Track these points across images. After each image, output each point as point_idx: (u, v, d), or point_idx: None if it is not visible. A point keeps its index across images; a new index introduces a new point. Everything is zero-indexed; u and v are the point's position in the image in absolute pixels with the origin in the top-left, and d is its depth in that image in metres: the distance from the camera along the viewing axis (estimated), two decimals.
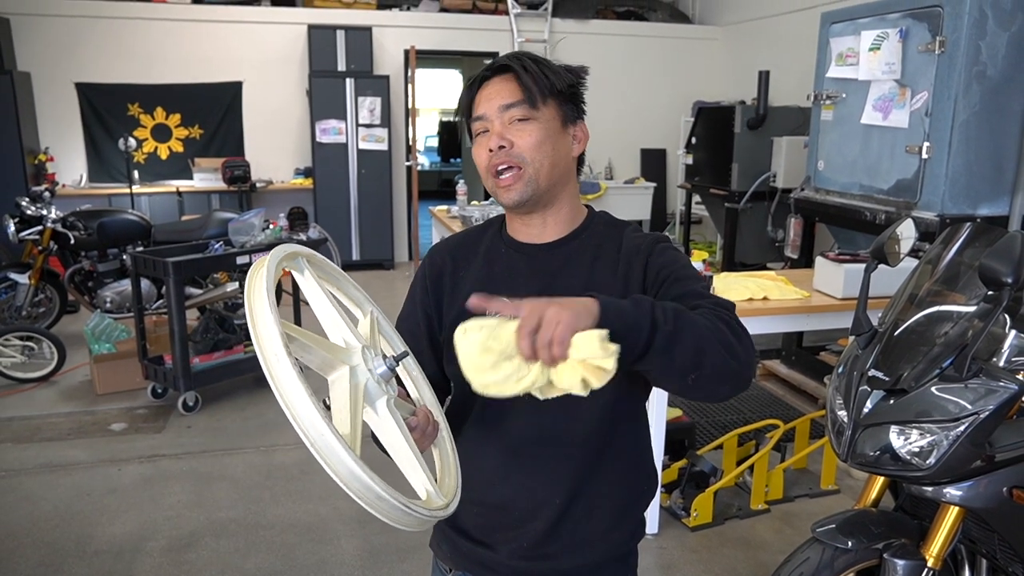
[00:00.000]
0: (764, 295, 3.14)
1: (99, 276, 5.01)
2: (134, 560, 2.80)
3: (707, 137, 6.22)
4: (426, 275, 1.31)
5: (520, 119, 1.17)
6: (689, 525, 3.01)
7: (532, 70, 1.18)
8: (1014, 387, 1.56)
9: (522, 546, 1.24)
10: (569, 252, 1.24)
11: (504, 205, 1.22)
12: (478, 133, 1.21)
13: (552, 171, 1.20)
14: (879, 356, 1.74)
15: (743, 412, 4.16)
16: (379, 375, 1.01)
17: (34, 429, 3.95)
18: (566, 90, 1.21)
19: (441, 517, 0.98)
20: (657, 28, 8.52)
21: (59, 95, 7.17)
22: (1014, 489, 1.68)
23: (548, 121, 1.19)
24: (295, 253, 1.03)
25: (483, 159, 1.20)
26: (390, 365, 1.02)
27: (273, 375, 0.84)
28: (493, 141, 1.17)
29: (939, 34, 3.46)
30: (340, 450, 0.84)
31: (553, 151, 1.19)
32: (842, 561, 1.73)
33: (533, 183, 1.18)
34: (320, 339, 0.97)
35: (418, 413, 1.09)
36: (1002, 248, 1.56)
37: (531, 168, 1.17)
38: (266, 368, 0.85)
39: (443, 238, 1.39)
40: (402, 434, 1.00)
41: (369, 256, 7.78)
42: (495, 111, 1.18)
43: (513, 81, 1.18)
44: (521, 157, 1.17)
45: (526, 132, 1.17)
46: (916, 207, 3.63)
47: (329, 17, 7.56)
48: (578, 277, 1.22)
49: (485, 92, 1.20)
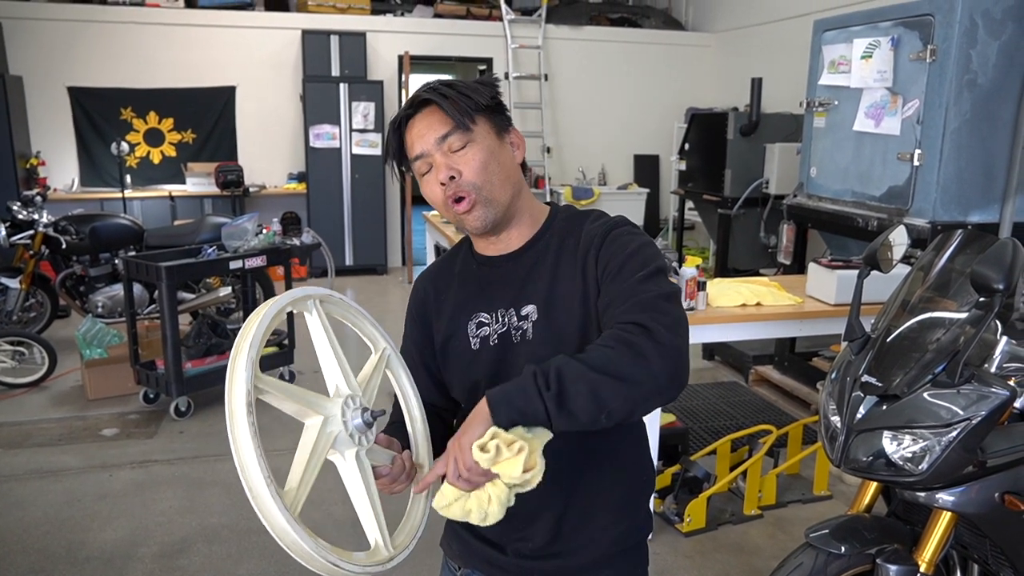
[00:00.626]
0: (757, 301, 3.15)
1: (91, 281, 4.98)
2: (126, 566, 2.78)
3: (700, 143, 6.24)
4: (412, 308, 1.36)
5: (458, 148, 1.16)
6: (682, 531, 3.01)
7: (451, 95, 1.16)
8: (1005, 393, 1.57)
9: (527, 547, 1.26)
10: (535, 256, 1.25)
11: (472, 232, 1.24)
12: (422, 173, 1.20)
13: (504, 185, 1.20)
14: (872, 362, 1.75)
15: (736, 418, 4.17)
16: (354, 427, 1.05)
17: (25, 435, 3.92)
18: (490, 103, 1.20)
19: (378, 571, 1.02)
20: (650, 35, 8.56)
21: (51, 99, 7.15)
22: (1006, 495, 1.69)
23: (484, 138, 1.18)
24: (305, 297, 1.09)
25: (437, 194, 1.19)
26: (367, 420, 1.07)
27: (232, 428, 0.90)
28: (442, 174, 1.16)
29: (930, 42, 3.48)
30: (275, 508, 0.90)
31: (499, 167, 1.19)
32: (835, 566, 1.73)
33: (492, 204, 1.19)
34: (297, 390, 1.02)
35: (395, 462, 1.13)
36: (993, 255, 1.57)
37: (484, 191, 1.18)
38: (228, 419, 0.91)
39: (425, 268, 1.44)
40: (364, 484, 1.05)
41: (362, 261, 7.78)
42: (432, 145, 1.17)
43: (438, 112, 1.17)
44: (472, 184, 1.17)
45: (468, 157, 1.17)
46: (908, 214, 3.65)
47: (323, 22, 7.57)
48: (544, 280, 1.23)
49: (415, 131, 1.18)
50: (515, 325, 1.22)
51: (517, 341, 1.22)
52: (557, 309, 1.20)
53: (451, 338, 1.28)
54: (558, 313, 1.20)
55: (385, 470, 1.12)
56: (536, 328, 1.21)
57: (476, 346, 1.25)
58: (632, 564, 1.33)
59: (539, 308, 1.21)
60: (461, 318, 1.27)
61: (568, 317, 1.19)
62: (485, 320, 1.25)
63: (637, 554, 1.34)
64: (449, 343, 1.28)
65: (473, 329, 1.25)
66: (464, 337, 1.26)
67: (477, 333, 1.25)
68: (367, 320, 1.20)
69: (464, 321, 1.26)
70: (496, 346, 1.23)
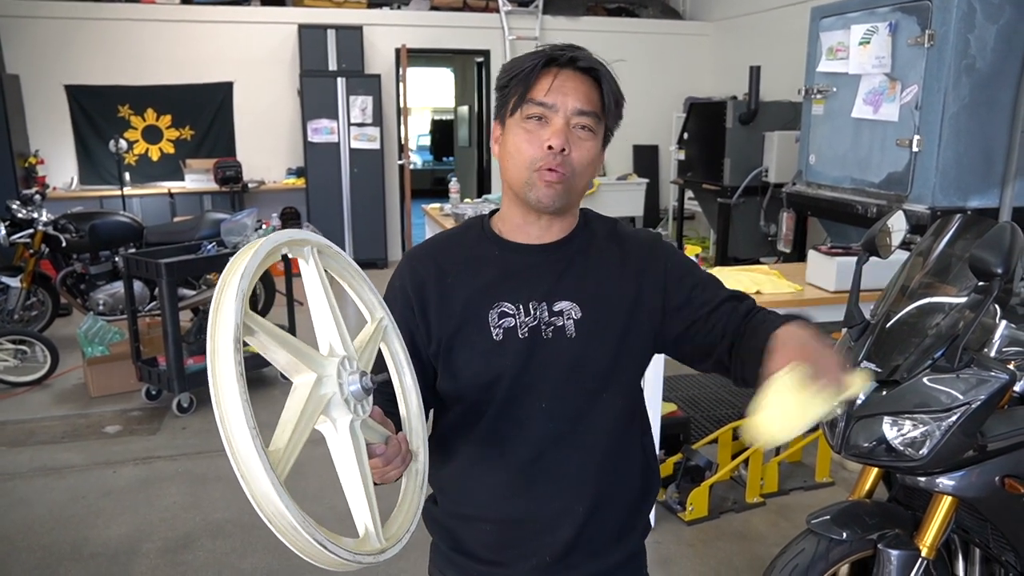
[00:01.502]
0: (757, 289, 3.15)
1: (91, 278, 4.99)
2: (130, 562, 2.80)
3: (699, 133, 6.23)
4: (407, 287, 1.21)
5: (584, 128, 1.13)
6: (685, 519, 3.02)
7: (614, 88, 1.14)
8: (1005, 377, 1.57)
9: (544, 560, 1.21)
10: (571, 252, 1.22)
11: (538, 202, 1.14)
12: (530, 117, 1.12)
13: (583, 191, 1.19)
14: (871, 348, 1.75)
15: (738, 406, 4.17)
16: (350, 392, 0.91)
17: (28, 433, 3.93)
18: (614, 124, 1.19)
19: (369, 563, 0.89)
20: (648, 24, 8.52)
21: (49, 98, 7.13)
22: (1006, 478, 1.69)
23: (599, 142, 1.17)
24: (303, 240, 0.96)
25: (534, 150, 1.12)
26: (365, 385, 0.92)
27: (214, 368, 0.77)
28: (557, 139, 1.10)
29: (928, 27, 3.47)
30: (258, 464, 0.75)
31: (592, 171, 1.17)
32: (837, 552, 1.74)
33: (570, 194, 1.15)
34: (292, 339, 0.88)
35: (390, 442, 1.00)
36: (992, 239, 1.57)
37: (575, 181, 1.14)
38: (209, 358, 0.77)
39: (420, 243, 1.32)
40: (357, 460, 0.92)
41: (362, 255, 7.76)
42: (568, 110, 1.11)
43: (595, 88, 1.13)
44: (572, 168, 1.13)
45: (586, 146, 1.13)
46: (907, 200, 3.65)
47: (319, 16, 7.54)
48: (585, 278, 1.20)
49: (561, 82, 1.11)
50: (546, 320, 1.17)
51: (549, 337, 1.16)
52: (604, 312, 1.18)
53: (464, 326, 1.18)
54: (604, 316, 1.18)
55: (379, 449, 0.97)
56: (580, 326, 1.17)
57: (499, 336, 1.16)
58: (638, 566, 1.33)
59: (582, 307, 1.18)
60: (480, 305, 1.18)
61: (612, 319, 1.18)
62: (509, 310, 1.17)
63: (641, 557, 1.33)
64: (461, 332, 1.18)
65: (495, 319, 1.17)
66: (484, 326, 1.17)
67: (500, 323, 1.16)
68: (366, 284, 1.06)
69: (483, 309, 1.17)
70: (525, 339, 1.16)
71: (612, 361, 1.18)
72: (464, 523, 1.26)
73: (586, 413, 1.19)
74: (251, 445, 0.75)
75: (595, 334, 1.17)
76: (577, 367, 1.17)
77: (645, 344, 1.22)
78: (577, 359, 1.17)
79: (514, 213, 1.21)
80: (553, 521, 1.20)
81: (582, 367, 1.17)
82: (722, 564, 2.77)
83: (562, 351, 1.16)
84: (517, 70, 1.13)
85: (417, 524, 1.03)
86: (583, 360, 1.17)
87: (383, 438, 0.99)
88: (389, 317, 1.09)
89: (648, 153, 8.56)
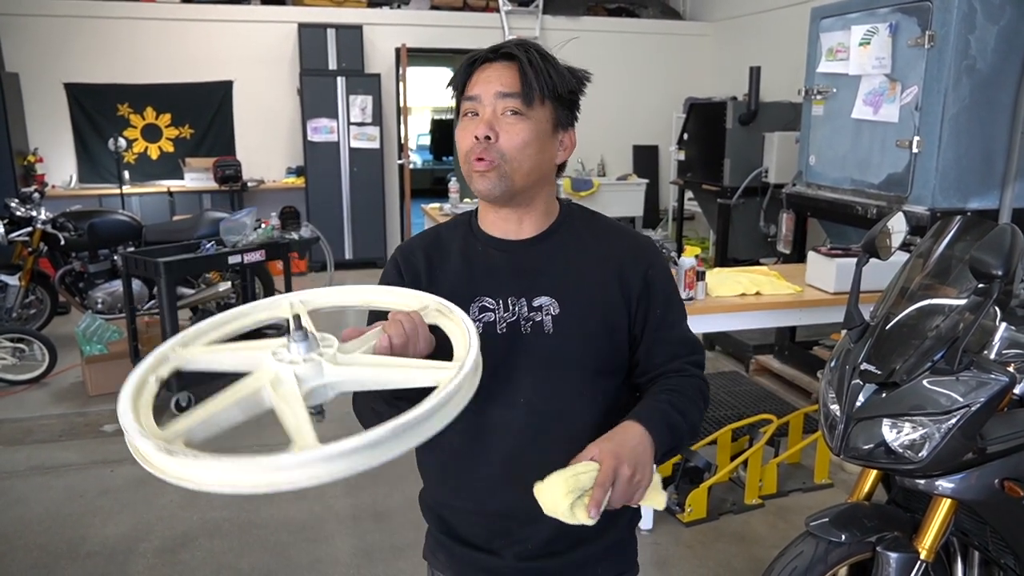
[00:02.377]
0: (757, 290, 3.15)
1: (90, 277, 4.97)
2: (127, 561, 2.79)
3: (699, 133, 6.22)
4: (402, 272, 1.25)
5: (512, 111, 1.14)
6: (683, 520, 3.01)
7: (537, 65, 1.14)
8: (1005, 379, 1.57)
9: (527, 548, 1.23)
10: (551, 248, 1.23)
11: (476, 191, 1.19)
12: (466, 113, 1.17)
13: (529, 175, 1.17)
14: (871, 350, 1.74)
15: (736, 407, 4.17)
16: (302, 353, 0.89)
17: (25, 431, 3.93)
18: (566, 95, 1.18)
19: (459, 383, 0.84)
20: (648, 24, 8.52)
21: (48, 96, 7.13)
22: (1005, 481, 1.68)
23: (540, 123, 1.16)
24: (160, 358, 0.95)
25: (466, 143, 1.16)
26: (299, 338, 0.89)
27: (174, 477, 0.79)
28: (480, 129, 1.13)
29: (928, 28, 3.46)
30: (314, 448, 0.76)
31: (537, 155, 1.16)
32: (835, 554, 1.73)
33: (507, 180, 1.16)
34: (219, 399, 0.87)
35: (389, 327, 0.99)
36: (992, 241, 1.56)
37: (508, 166, 1.15)
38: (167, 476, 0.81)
39: (409, 238, 1.35)
40: (373, 365, 0.92)
41: (362, 255, 7.77)
42: (490, 96, 1.14)
43: (515, 71, 1.14)
44: (502, 154, 1.14)
45: (515, 130, 1.14)
46: (907, 201, 3.64)
47: (319, 15, 7.54)
48: (564, 275, 1.21)
49: (483, 74, 1.16)
50: (525, 316, 1.19)
51: (528, 332, 1.18)
52: (582, 307, 1.19)
53: None
54: (582, 311, 1.19)
55: (385, 340, 0.97)
56: (557, 323, 1.18)
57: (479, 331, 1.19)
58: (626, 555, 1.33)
59: (560, 303, 1.19)
60: (462, 299, 1.17)
61: (592, 316, 1.19)
62: (490, 305, 1.20)
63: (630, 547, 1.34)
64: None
65: (475, 313, 1.20)
66: None
67: (480, 317, 1.19)
68: (249, 306, 1.06)
69: (465, 303, 1.19)
70: (504, 335, 1.19)
71: (590, 357, 1.20)
72: (451, 512, 1.28)
73: (566, 408, 1.20)
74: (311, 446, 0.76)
75: (573, 329, 1.19)
76: (555, 362, 1.19)
77: (624, 339, 1.23)
78: (555, 354, 1.18)
79: (485, 208, 1.25)
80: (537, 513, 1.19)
81: (560, 362, 1.19)
82: (721, 565, 2.77)
83: (540, 346, 1.18)
84: (457, 79, 1.20)
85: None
86: (561, 355, 1.19)
87: (376, 335, 0.98)
88: (294, 295, 1.08)
89: (648, 153, 8.56)
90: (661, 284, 1.25)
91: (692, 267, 2.97)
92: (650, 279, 1.23)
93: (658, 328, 1.23)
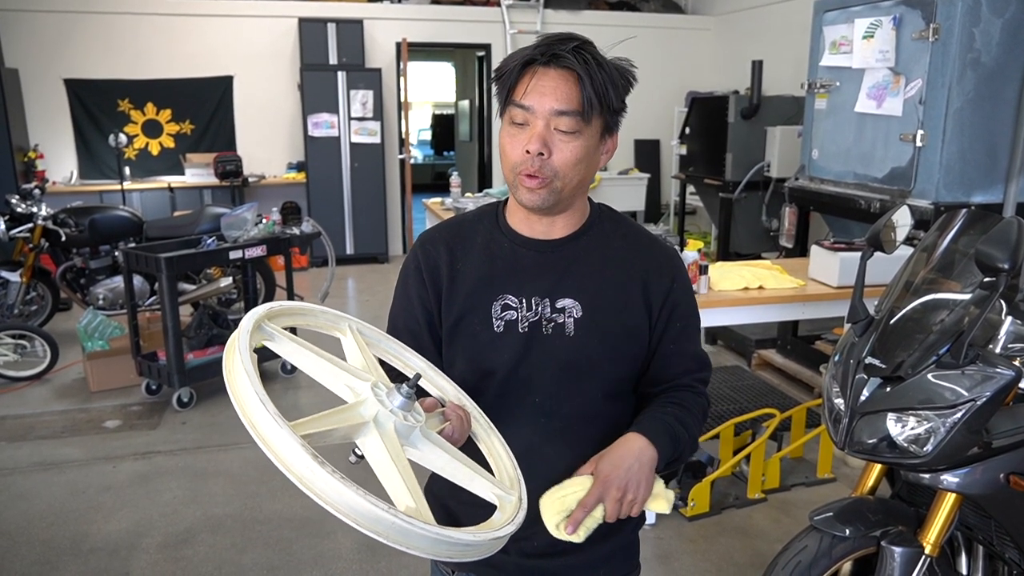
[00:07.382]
0: (760, 284, 3.14)
1: (91, 273, 4.97)
2: (130, 557, 2.79)
3: (701, 127, 6.21)
4: (421, 267, 1.23)
5: (566, 131, 1.09)
6: (686, 515, 3.01)
7: (597, 82, 1.08)
8: (1011, 373, 1.56)
9: (533, 545, 1.23)
10: (578, 250, 1.21)
11: (520, 202, 1.16)
12: (515, 122, 1.11)
13: (577, 188, 1.15)
14: (875, 344, 1.73)
15: (739, 402, 4.16)
16: (398, 407, 0.92)
17: (28, 427, 3.93)
18: (619, 105, 1.13)
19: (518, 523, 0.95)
20: (650, 19, 8.49)
21: (48, 92, 7.12)
22: (1011, 475, 1.68)
23: (592, 137, 1.12)
24: (258, 320, 0.94)
25: (516, 155, 1.11)
26: (406, 394, 0.93)
27: (315, 491, 0.78)
28: (534, 145, 1.08)
29: (933, 21, 3.45)
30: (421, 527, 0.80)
31: (585, 168, 1.13)
32: (839, 549, 1.73)
33: (557, 194, 1.13)
34: (329, 414, 0.88)
35: (447, 415, 1.06)
36: (998, 234, 1.55)
37: (560, 182, 1.12)
38: (303, 484, 0.78)
39: (432, 226, 1.32)
40: (449, 454, 0.97)
41: (363, 250, 7.76)
42: (545, 112, 1.08)
43: (573, 84, 1.07)
44: (555, 172, 1.10)
45: (569, 148, 1.10)
46: (910, 195, 3.63)
47: (320, 10, 7.52)
48: (589, 278, 1.20)
49: (539, 82, 1.08)
50: (547, 316, 1.18)
51: (549, 333, 1.18)
52: (604, 313, 1.19)
53: (468, 314, 1.20)
54: (605, 316, 1.18)
55: (449, 429, 1.03)
56: (579, 326, 1.18)
57: (500, 329, 1.18)
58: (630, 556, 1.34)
59: (583, 306, 1.18)
60: (484, 295, 1.19)
61: (613, 323, 1.19)
62: (512, 304, 1.18)
63: (633, 547, 1.35)
64: (464, 319, 1.20)
65: (497, 310, 1.18)
66: (486, 317, 1.18)
67: (502, 315, 1.18)
68: (316, 310, 1.07)
69: (487, 300, 1.19)
70: (525, 334, 1.18)
71: (608, 361, 1.20)
72: (459, 505, 1.27)
73: (578, 411, 1.20)
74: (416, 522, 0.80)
75: (594, 333, 1.18)
76: (573, 365, 1.18)
77: (641, 348, 1.23)
78: (573, 357, 1.18)
79: (517, 207, 1.22)
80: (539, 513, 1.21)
81: (578, 365, 1.19)
82: (723, 560, 2.76)
83: (559, 348, 1.18)
84: (504, 70, 1.12)
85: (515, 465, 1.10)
86: (579, 358, 1.18)
87: (441, 420, 1.05)
88: (354, 320, 1.09)
89: (650, 148, 8.54)
90: (684, 299, 1.25)
91: (695, 261, 2.96)
92: (674, 293, 1.23)
93: (675, 342, 1.24)
